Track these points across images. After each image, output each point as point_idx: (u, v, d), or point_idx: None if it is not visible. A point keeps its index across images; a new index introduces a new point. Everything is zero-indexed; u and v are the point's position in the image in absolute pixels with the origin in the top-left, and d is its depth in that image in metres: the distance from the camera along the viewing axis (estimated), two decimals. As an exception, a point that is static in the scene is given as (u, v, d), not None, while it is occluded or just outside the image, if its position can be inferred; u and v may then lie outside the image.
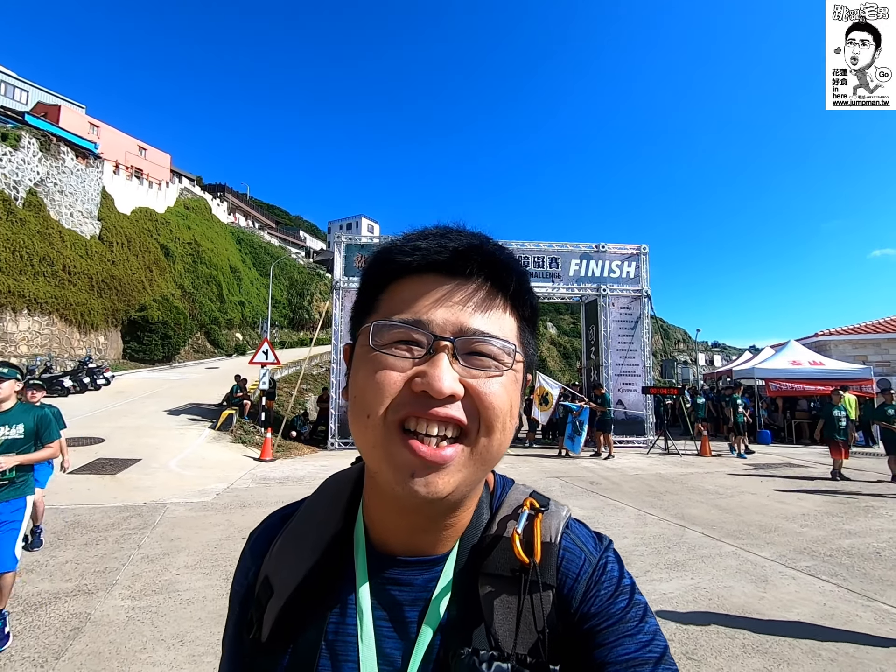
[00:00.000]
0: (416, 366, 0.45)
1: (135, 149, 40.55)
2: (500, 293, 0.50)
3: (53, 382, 15.82)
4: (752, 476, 9.32)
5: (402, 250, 0.49)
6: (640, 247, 14.24)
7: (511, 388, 0.49)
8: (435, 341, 0.45)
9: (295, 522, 0.58)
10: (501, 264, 0.50)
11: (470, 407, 0.46)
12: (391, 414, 0.45)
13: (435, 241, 0.49)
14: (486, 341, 0.47)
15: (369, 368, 0.47)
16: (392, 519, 0.52)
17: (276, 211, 77.01)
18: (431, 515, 0.51)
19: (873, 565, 4.60)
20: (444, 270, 0.48)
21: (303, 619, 0.51)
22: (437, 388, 0.43)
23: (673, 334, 70.33)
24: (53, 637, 3.21)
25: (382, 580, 0.52)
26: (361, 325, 0.51)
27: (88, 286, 23.23)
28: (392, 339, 0.47)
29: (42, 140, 22.76)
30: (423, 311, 0.47)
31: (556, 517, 0.55)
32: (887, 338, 17.81)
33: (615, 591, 0.50)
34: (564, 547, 0.53)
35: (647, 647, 0.47)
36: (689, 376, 38.34)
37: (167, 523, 5.75)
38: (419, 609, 0.50)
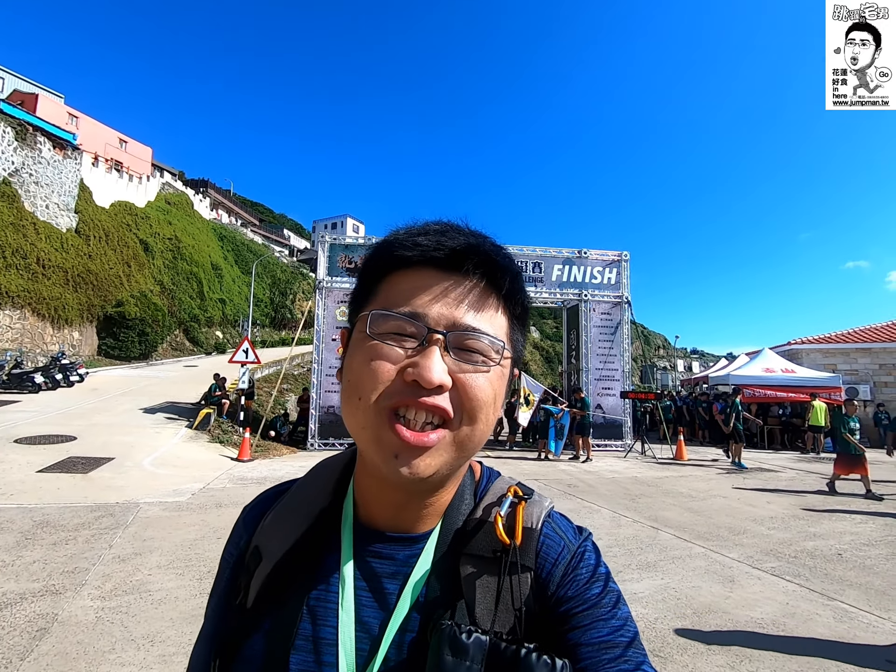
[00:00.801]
0: (410, 356, 0.48)
1: (115, 141, 39.70)
2: (494, 292, 0.53)
3: (24, 378, 15.39)
4: (723, 480, 9.55)
5: (403, 244, 0.52)
6: (622, 253, 14.48)
7: (496, 383, 0.51)
8: (428, 334, 0.48)
9: (287, 497, 0.62)
10: (497, 265, 0.52)
11: (456, 398, 0.48)
12: (383, 400, 0.48)
13: (435, 238, 0.51)
14: (477, 337, 0.50)
15: (365, 355, 0.49)
16: (378, 495, 0.55)
17: (260, 208, 76.11)
18: (414, 493, 0.53)
19: (834, 566, 4.77)
20: (441, 266, 0.51)
21: (288, 585, 0.54)
22: (427, 378, 0.46)
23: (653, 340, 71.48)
24: (18, 638, 3.14)
25: (366, 553, 0.55)
26: (359, 312, 0.54)
27: (63, 280, 22.65)
28: (388, 329, 0.49)
29: (18, 129, 22.18)
30: (420, 304, 0.49)
31: (538, 506, 0.58)
32: (856, 347, 18.43)
33: (591, 577, 0.53)
34: (545, 533, 0.56)
35: (619, 631, 0.50)
36: (669, 382, 39.06)
37: (140, 523, 5.66)
38: (399, 582, 0.53)
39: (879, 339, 18.37)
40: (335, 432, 12.50)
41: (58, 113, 32.78)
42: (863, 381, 18.01)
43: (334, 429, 12.52)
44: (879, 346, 18.17)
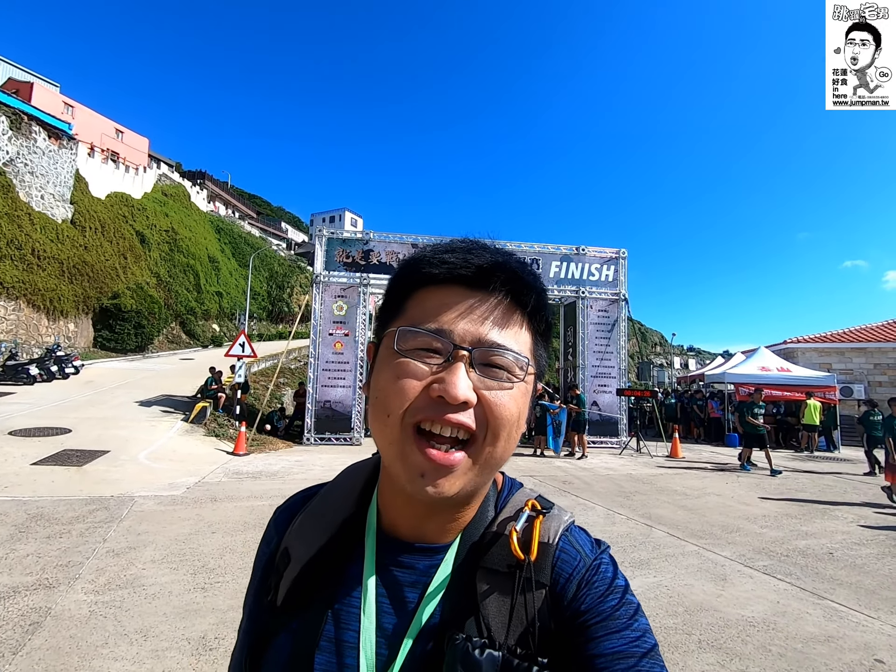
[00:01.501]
0: (436, 372, 0.49)
1: (111, 131, 39.35)
2: (519, 309, 0.53)
3: (19, 370, 15.32)
4: (718, 478, 9.60)
5: (430, 262, 0.53)
6: (620, 251, 14.48)
7: (520, 400, 0.52)
8: (454, 350, 0.49)
9: (314, 503, 0.64)
10: (523, 282, 0.53)
11: (480, 415, 0.49)
12: (409, 416, 0.49)
13: (461, 255, 0.52)
14: (502, 354, 0.50)
15: (392, 372, 0.50)
16: (401, 507, 0.57)
17: (258, 201, 75.67)
18: (438, 508, 0.55)
19: (825, 565, 4.81)
20: (467, 284, 0.52)
21: (314, 588, 0.56)
22: (452, 394, 0.47)
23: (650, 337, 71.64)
24: (11, 632, 3.14)
25: (388, 561, 0.56)
26: (387, 327, 0.54)
27: (59, 271, 22.50)
28: (415, 346, 0.50)
29: (13, 118, 21.93)
30: (446, 321, 0.50)
31: (556, 520, 0.58)
32: (851, 347, 18.53)
33: (607, 590, 0.53)
34: (561, 548, 0.56)
35: (635, 642, 0.49)
36: (665, 379, 39.19)
37: (134, 517, 5.65)
38: (418, 592, 0.54)
39: (875, 339, 18.47)
40: (331, 427, 12.51)
41: (53, 102, 32.45)
42: (857, 381, 18.11)
43: (330, 423, 12.53)
44: (874, 346, 18.28)
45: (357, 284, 13.06)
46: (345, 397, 12.70)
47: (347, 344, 12.90)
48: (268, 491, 7.18)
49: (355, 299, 13.04)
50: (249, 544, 4.71)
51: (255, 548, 0.67)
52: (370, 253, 13.19)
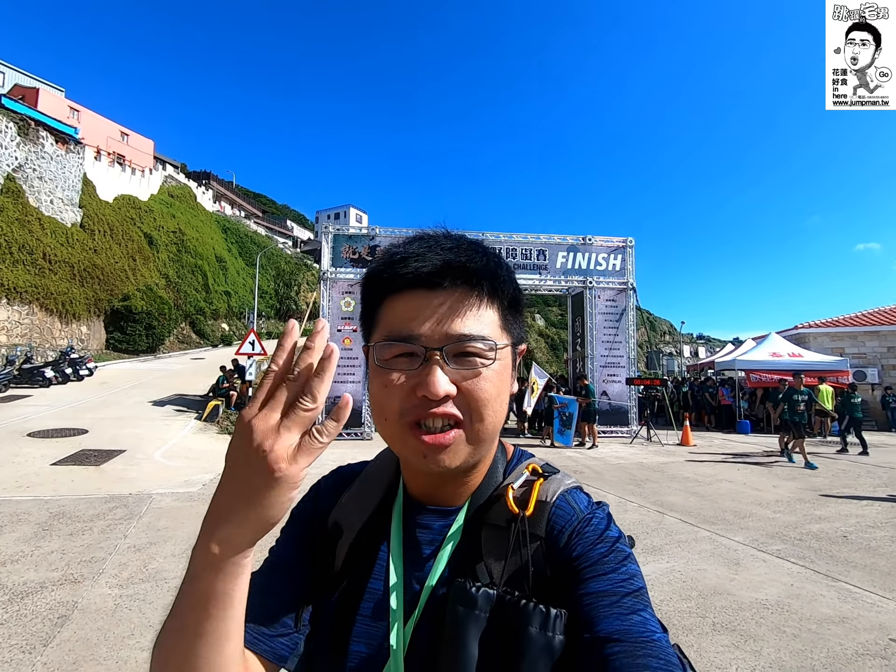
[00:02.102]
0: (416, 375, 0.55)
1: (117, 134, 39.62)
2: (476, 293, 0.58)
3: (35, 373, 15.60)
4: (729, 465, 9.58)
5: (387, 277, 0.58)
6: (627, 240, 14.38)
7: (496, 379, 0.57)
8: (427, 352, 0.55)
9: (360, 479, 0.72)
10: (471, 272, 0.57)
11: (462, 402, 0.55)
12: (403, 417, 0.55)
13: (414, 264, 0.57)
14: (470, 344, 0.56)
15: (380, 382, 0.57)
16: (418, 477, 0.65)
17: (263, 199, 75.99)
18: (447, 478, 0.62)
19: (839, 548, 4.80)
20: (426, 286, 0.57)
21: (361, 551, 0.64)
22: (433, 392, 0.53)
23: (659, 326, 71.20)
24: (41, 625, 3.24)
25: (410, 522, 0.65)
26: (368, 337, 0.62)
27: (69, 275, 22.81)
28: (392, 354, 0.57)
29: (20, 124, 22.18)
30: (414, 326, 0.56)
31: (556, 483, 0.64)
32: (863, 331, 18.30)
33: (597, 538, 0.57)
34: (557, 505, 0.61)
35: (621, 584, 0.53)
36: (675, 367, 38.98)
37: (153, 513, 5.77)
38: (434, 548, 0.62)
39: (888, 322, 18.22)
40: (342, 422, 12.59)
41: (59, 107, 32.72)
42: (871, 365, 17.90)
43: (341, 419, 12.61)
44: (888, 329, 18.03)
45: (364, 280, 13.09)
46: (354, 392, 12.78)
47: (356, 339, 12.96)
48: (282, 486, 7.27)
49: (362, 295, 13.08)
50: (265, 539, 4.78)
51: (270, 541, 0.70)
52: (376, 248, 13.20)
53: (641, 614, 0.51)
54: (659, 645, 0.49)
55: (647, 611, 0.52)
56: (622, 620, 0.50)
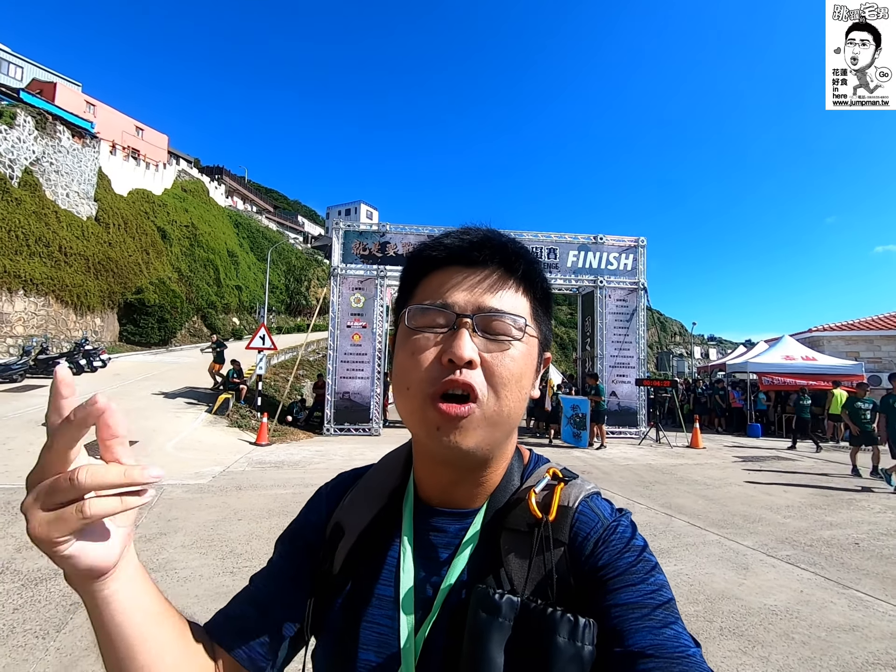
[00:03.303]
0: (444, 340, 0.55)
1: (132, 129, 40.04)
2: (512, 276, 0.59)
3: (50, 364, 15.85)
4: (739, 468, 9.48)
5: (431, 247, 0.60)
6: (638, 239, 14.26)
7: (520, 360, 0.57)
8: (457, 318, 0.55)
9: (363, 481, 0.71)
10: (511, 251, 0.59)
11: (484, 375, 0.55)
12: (428, 387, 0.54)
13: (456, 237, 0.59)
14: (500, 317, 0.56)
15: (408, 349, 0.56)
16: (432, 475, 0.63)
17: (275, 195, 76.38)
18: (463, 470, 0.60)
19: (851, 555, 4.74)
20: (464, 262, 0.58)
21: (365, 553, 0.63)
22: (458, 355, 0.52)
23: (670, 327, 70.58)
24: (54, 611, 3.31)
25: (423, 525, 0.63)
26: (401, 309, 0.61)
27: (84, 268, 23.11)
28: (424, 322, 0.57)
29: (38, 118, 22.46)
30: (448, 295, 0.56)
31: (577, 488, 0.62)
32: (879, 335, 17.98)
33: (624, 547, 0.56)
34: (580, 511, 0.59)
35: (650, 595, 0.51)
36: (685, 369, 38.62)
37: (164, 504, 5.85)
38: (450, 552, 0.60)
39: (905, 327, 17.87)
40: (350, 418, 12.68)
41: (76, 101, 33.13)
42: (886, 369, 17.57)
43: (349, 414, 12.69)
44: (905, 334, 17.69)
45: (374, 277, 13.13)
46: (363, 388, 12.84)
47: (365, 336, 13.01)
48: (290, 480, 7.34)
49: (372, 291, 13.12)
50: (275, 531, 4.83)
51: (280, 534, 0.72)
52: (387, 245, 13.24)
53: (674, 628, 0.49)
54: (694, 661, 0.47)
55: (679, 624, 0.50)
56: (655, 634, 0.48)
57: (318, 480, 0.75)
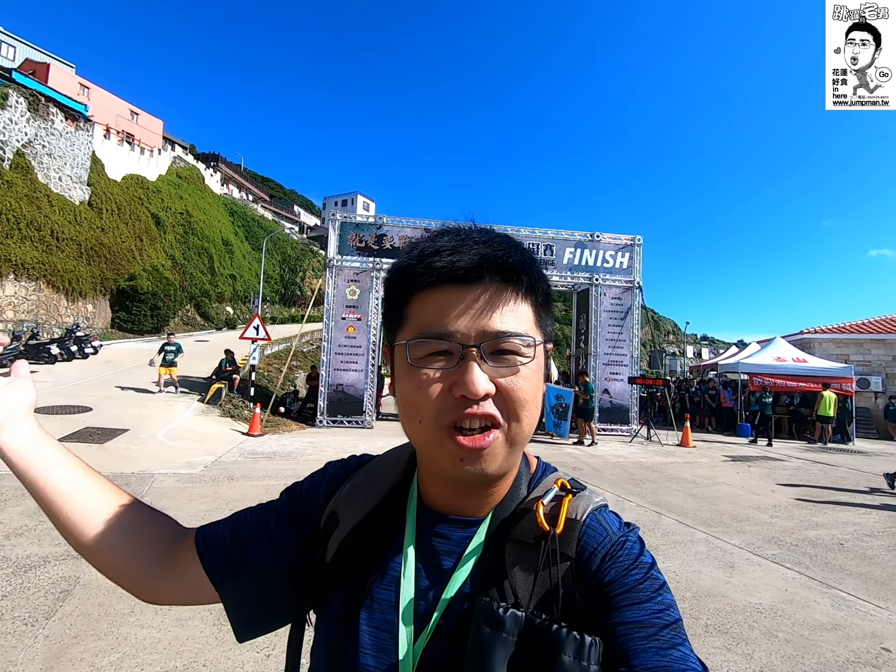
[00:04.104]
0: (452, 374, 0.52)
1: (126, 113, 39.48)
2: (512, 288, 0.55)
3: (40, 349, 15.70)
4: (728, 467, 9.59)
5: (418, 271, 0.55)
6: (635, 238, 14.30)
7: (534, 377, 0.55)
8: (464, 350, 0.52)
9: (363, 472, 0.70)
10: (510, 267, 0.55)
11: (500, 402, 0.53)
12: (441, 419, 0.52)
13: (447, 259, 0.54)
14: (507, 340, 0.53)
15: (413, 382, 0.54)
16: (439, 485, 0.61)
17: (271, 184, 75.75)
18: (473, 486, 0.59)
19: (835, 555, 4.82)
20: (459, 281, 0.54)
21: (360, 550, 0.62)
22: (473, 392, 0.50)
23: (663, 326, 70.97)
24: (43, 598, 3.30)
25: (426, 531, 0.61)
26: (394, 335, 0.58)
27: (77, 253, 22.86)
28: (426, 352, 0.53)
29: (30, 99, 22.09)
30: (449, 322, 0.53)
31: (585, 500, 0.60)
32: (870, 338, 18.19)
33: (631, 564, 0.54)
34: (588, 524, 0.58)
35: (657, 614, 0.50)
36: (677, 368, 38.88)
37: (155, 493, 5.83)
38: (453, 560, 0.59)
39: (894, 331, 18.09)
40: (343, 410, 12.68)
41: (69, 83, 32.60)
42: (875, 373, 17.82)
43: (343, 406, 12.69)
44: (894, 338, 17.91)
45: (370, 269, 13.08)
46: (357, 381, 12.84)
47: (360, 328, 12.99)
48: (283, 471, 7.34)
49: (368, 284, 13.08)
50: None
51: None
52: (383, 237, 13.18)
53: (681, 649, 0.48)
54: None
55: (686, 645, 0.49)
56: (661, 656, 0.47)
57: (310, 472, 0.74)
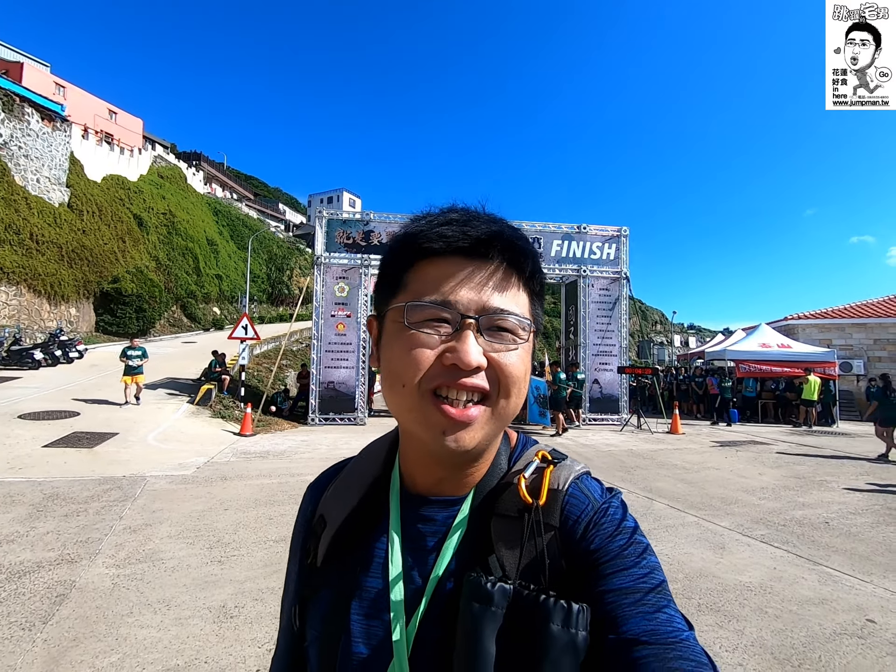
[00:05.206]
0: (446, 342, 0.52)
1: (104, 112, 38.67)
2: (516, 274, 0.56)
3: (24, 355, 15.43)
4: (717, 452, 9.76)
5: (427, 236, 0.54)
6: (621, 229, 14.40)
7: (525, 358, 0.56)
8: (462, 319, 0.52)
9: (345, 472, 0.70)
10: (519, 249, 0.56)
11: (492, 376, 0.53)
12: (425, 384, 0.52)
13: (459, 228, 0.54)
14: (506, 318, 0.54)
15: (405, 344, 0.53)
16: (421, 467, 0.61)
17: (255, 182, 74.84)
18: (457, 465, 0.58)
19: (821, 534, 4.95)
20: (466, 254, 0.54)
21: (348, 545, 0.62)
22: (465, 362, 0.50)
23: (651, 316, 71.60)
24: (39, 603, 3.28)
25: (410, 515, 0.61)
26: (388, 301, 0.57)
27: (58, 256, 22.44)
28: (423, 318, 0.53)
29: (5, 100, 21.59)
30: (450, 291, 0.53)
31: (567, 469, 0.60)
32: (851, 322, 18.57)
33: (615, 530, 0.55)
34: (570, 493, 0.58)
35: (642, 578, 0.51)
36: (665, 357, 39.32)
37: (148, 495, 5.79)
38: (438, 539, 0.59)
39: (875, 315, 18.50)
40: (335, 407, 12.65)
41: (44, 83, 31.83)
42: (857, 356, 18.21)
43: (334, 404, 12.67)
44: (874, 322, 18.32)
45: (358, 265, 13.03)
46: (348, 378, 12.81)
47: (350, 325, 12.95)
48: (276, 469, 7.32)
49: (357, 280, 13.03)
50: (262, 520, 4.84)
51: (268, 523, 0.76)
52: (371, 234, 13.13)
53: (666, 611, 0.49)
54: (688, 644, 0.47)
55: (671, 607, 0.50)
56: (648, 620, 0.48)
57: (305, 470, 0.76)
